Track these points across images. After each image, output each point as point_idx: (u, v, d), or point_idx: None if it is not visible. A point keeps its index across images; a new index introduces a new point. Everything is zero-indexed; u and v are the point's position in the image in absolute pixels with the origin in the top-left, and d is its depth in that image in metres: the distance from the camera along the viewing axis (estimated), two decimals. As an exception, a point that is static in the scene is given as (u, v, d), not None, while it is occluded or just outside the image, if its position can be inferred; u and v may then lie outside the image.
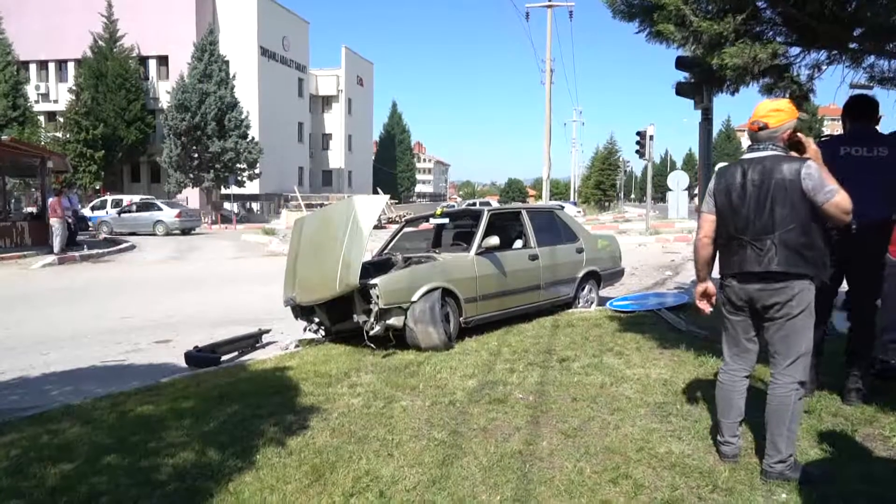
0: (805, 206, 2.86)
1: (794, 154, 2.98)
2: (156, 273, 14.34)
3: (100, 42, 37.73)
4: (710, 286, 3.22)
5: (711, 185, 3.21)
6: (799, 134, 2.97)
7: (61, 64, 42.02)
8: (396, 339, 5.73)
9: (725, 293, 3.13)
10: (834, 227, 3.02)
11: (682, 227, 22.58)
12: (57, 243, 16.71)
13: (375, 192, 43.00)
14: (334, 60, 54.55)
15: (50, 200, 17.20)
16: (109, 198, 30.80)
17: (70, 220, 17.82)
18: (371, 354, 5.55)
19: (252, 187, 39.19)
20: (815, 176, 2.85)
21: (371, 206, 5.81)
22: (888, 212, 3.92)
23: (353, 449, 3.43)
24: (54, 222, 16.83)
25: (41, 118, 38.82)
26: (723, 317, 3.20)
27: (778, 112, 3.01)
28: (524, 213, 7.35)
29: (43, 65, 42.20)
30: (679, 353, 5.14)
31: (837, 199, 2.81)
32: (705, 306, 3.27)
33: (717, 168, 3.54)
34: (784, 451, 2.89)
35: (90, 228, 24.32)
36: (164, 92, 38.15)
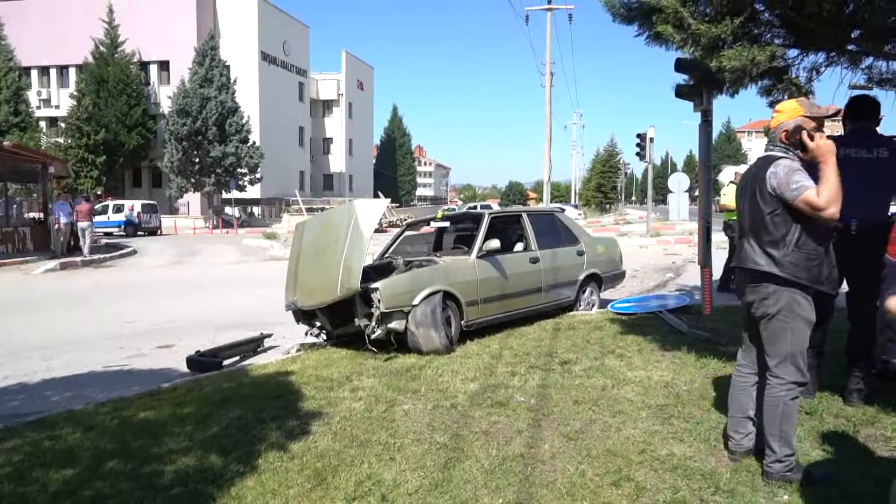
0: (774, 204, 2.88)
1: (798, 154, 2.92)
2: (158, 277, 14.36)
3: (101, 48, 37.91)
4: None
5: None
6: (803, 132, 2.88)
7: (63, 70, 42.19)
8: (398, 343, 5.73)
9: None
10: (834, 228, 3.00)
11: (683, 229, 22.53)
12: (86, 246, 17.72)
13: (376, 196, 43.07)
14: (335, 65, 54.76)
15: (78, 206, 18.24)
16: (111, 203, 30.90)
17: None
18: (372, 358, 5.56)
19: (253, 192, 39.28)
20: (781, 174, 2.85)
21: (372, 210, 5.82)
22: (887, 213, 3.93)
23: (354, 453, 3.43)
24: (83, 225, 17.77)
25: (43, 124, 38.94)
26: None
27: (777, 112, 3.03)
28: (525, 216, 7.36)
29: (44, 70, 42.37)
30: (680, 356, 5.15)
31: (806, 195, 2.77)
32: None
33: (719, 169, 3.60)
34: (778, 451, 2.89)
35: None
36: (165, 97, 38.27)
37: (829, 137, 3.05)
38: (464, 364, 5.18)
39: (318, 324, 6.21)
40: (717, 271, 7.17)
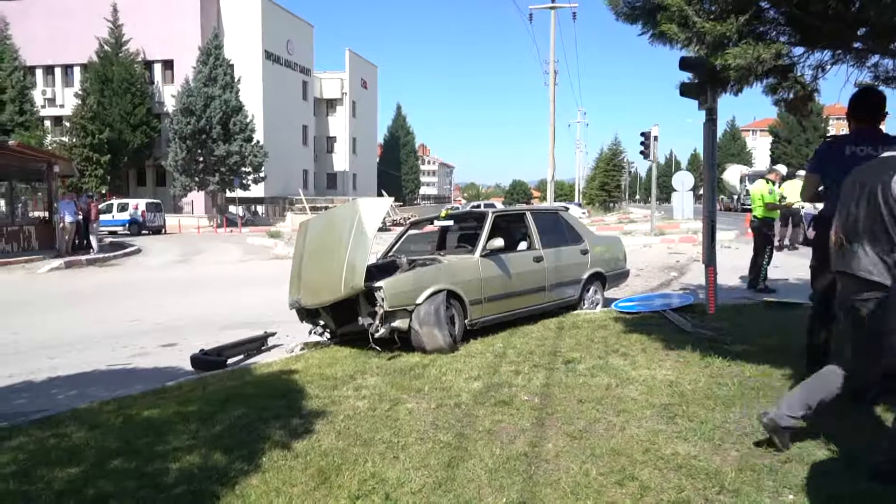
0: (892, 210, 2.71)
1: None
2: (162, 276, 14.40)
3: (105, 47, 38.04)
4: None
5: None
6: None
7: (67, 69, 42.32)
8: (401, 342, 5.73)
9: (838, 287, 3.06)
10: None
11: (688, 228, 22.45)
12: (94, 243, 18.60)
13: (380, 195, 43.09)
14: (339, 63, 54.91)
15: (86, 205, 19.06)
16: (115, 201, 30.98)
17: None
18: (376, 357, 5.56)
19: (257, 190, 39.34)
20: None
21: (375, 208, 5.83)
22: None
23: (358, 451, 3.43)
24: (92, 226, 18.74)
25: (47, 123, 39.07)
26: None
27: None
28: (528, 214, 7.34)
29: (49, 70, 42.49)
30: (685, 355, 5.13)
31: None
32: None
33: (723, 167, 3.52)
34: None
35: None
36: (169, 96, 38.40)
37: (834, 137, 3.01)
38: (467, 363, 5.18)
39: (321, 322, 6.22)
40: (721, 270, 7.14)
